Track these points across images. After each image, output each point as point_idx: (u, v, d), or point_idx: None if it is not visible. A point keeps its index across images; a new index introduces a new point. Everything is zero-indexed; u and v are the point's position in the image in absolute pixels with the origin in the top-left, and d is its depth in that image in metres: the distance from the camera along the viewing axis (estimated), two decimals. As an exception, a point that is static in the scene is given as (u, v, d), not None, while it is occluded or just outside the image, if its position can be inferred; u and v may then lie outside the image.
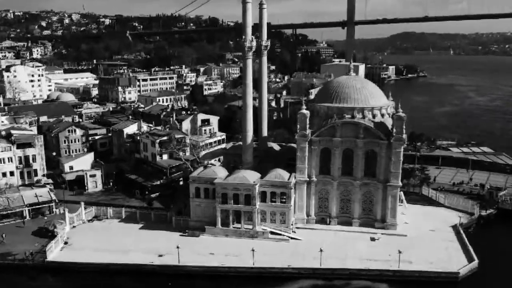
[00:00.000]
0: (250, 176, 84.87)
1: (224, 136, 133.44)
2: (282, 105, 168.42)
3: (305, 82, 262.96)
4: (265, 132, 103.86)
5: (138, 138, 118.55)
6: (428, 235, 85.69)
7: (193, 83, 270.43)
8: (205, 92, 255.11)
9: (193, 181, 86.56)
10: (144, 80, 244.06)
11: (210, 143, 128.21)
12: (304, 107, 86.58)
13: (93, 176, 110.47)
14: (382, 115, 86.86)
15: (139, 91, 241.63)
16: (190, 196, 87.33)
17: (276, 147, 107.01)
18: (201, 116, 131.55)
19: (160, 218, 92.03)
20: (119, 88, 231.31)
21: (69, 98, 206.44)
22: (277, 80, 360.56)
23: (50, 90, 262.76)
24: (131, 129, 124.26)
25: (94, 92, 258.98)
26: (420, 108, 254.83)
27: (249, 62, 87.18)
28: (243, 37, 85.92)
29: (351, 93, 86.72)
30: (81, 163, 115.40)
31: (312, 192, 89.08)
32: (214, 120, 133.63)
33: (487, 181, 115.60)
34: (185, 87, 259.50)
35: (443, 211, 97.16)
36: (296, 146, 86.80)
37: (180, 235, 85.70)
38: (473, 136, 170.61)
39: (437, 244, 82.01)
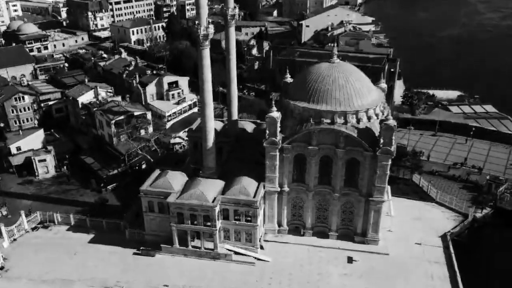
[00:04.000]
0: (210, 191, 72.55)
1: (195, 99, 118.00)
2: (265, 48, 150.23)
3: (298, 2, 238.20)
4: (235, 115, 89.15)
5: (94, 110, 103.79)
6: (412, 252, 75.63)
7: (174, 2, 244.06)
8: (188, 14, 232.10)
9: (145, 195, 74.43)
10: (117, 3, 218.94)
11: (179, 111, 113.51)
12: (274, 108, 71.31)
13: (43, 160, 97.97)
14: (369, 118, 71.88)
15: (112, 16, 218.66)
16: (143, 209, 75.89)
17: (250, 126, 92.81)
18: (167, 79, 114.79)
19: (113, 226, 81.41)
20: (89, 14, 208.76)
21: (32, 29, 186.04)
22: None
23: (15, 10, 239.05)
24: (86, 97, 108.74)
25: (64, 14, 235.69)
26: (422, 31, 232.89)
27: (206, 53, 69.87)
28: (196, 22, 67.63)
29: (332, 91, 70.81)
30: (30, 142, 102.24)
31: (284, 202, 77.39)
32: (183, 81, 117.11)
33: (487, 158, 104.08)
34: (164, 9, 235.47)
35: (433, 211, 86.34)
36: (265, 154, 73.11)
37: (134, 254, 75.90)
38: (475, 78, 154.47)
39: (421, 268, 72.23)
